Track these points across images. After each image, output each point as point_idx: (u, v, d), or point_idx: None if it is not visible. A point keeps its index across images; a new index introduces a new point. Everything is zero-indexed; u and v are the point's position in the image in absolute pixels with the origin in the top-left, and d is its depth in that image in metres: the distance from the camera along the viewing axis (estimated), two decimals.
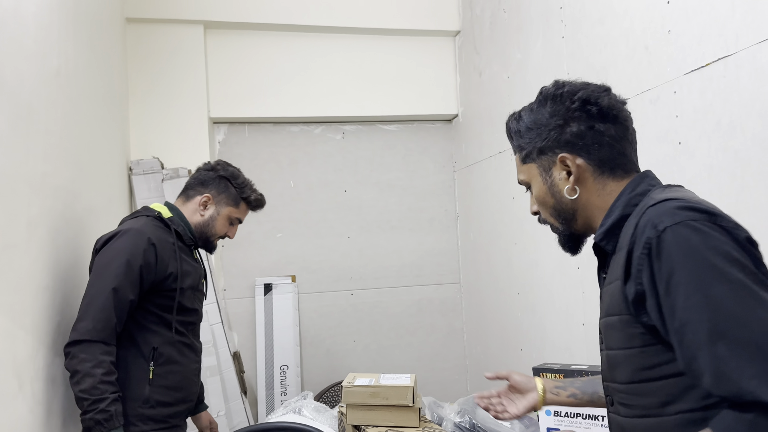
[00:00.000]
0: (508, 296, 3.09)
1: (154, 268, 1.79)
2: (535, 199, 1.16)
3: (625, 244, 0.98)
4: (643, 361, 0.97)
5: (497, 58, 3.14)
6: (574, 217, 1.12)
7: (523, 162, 1.16)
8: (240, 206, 2.05)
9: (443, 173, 3.83)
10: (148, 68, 3.23)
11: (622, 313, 0.98)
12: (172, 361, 1.84)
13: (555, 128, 1.10)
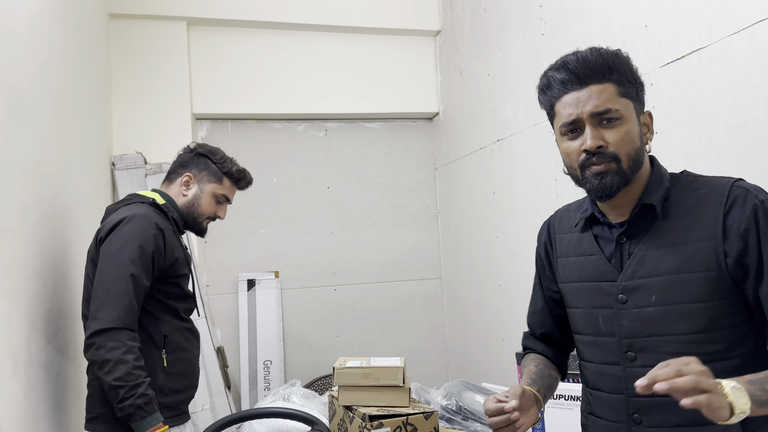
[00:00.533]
0: (489, 289, 3.16)
1: (163, 254, 1.76)
2: (627, 132, 1.14)
3: (707, 210, 1.11)
4: (720, 311, 1.09)
5: (478, 56, 3.21)
6: (639, 167, 1.17)
7: (622, 96, 1.15)
8: (223, 182, 1.98)
9: (424, 170, 3.89)
10: (131, 64, 3.23)
11: (710, 269, 1.09)
12: (180, 348, 1.82)
13: (642, 87, 1.20)
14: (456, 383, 2.05)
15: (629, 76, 1.16)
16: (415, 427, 1.58)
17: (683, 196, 1.16)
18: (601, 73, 1.15)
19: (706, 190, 1.13)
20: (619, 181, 1.15)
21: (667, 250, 1.13)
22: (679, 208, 1.15)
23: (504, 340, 3.01)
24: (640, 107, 1.19)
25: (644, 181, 1.19)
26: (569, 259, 1.29)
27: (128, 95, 3.22)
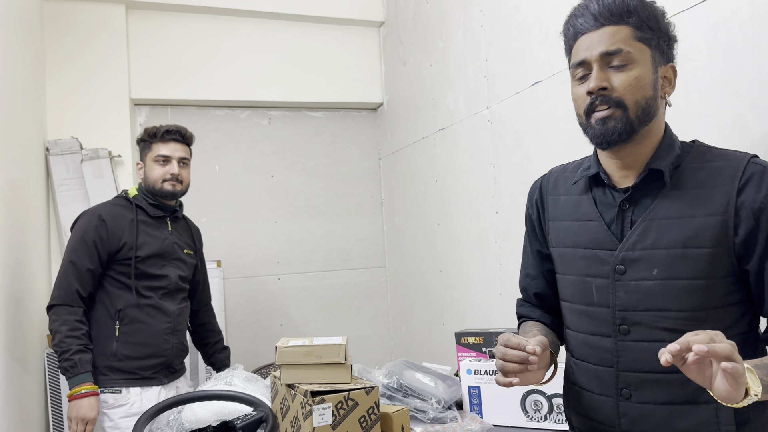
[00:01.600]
0: (432, 275, 3.23)
1: (106, 240, 2.12)
2: (635, 78, 1.08)
3: (719, 184, 1.05)
4: (724, 289, 1.05)
5: (421, 47, 3.27)
6: (648, 120, 1.10)
7: (638, 40, 1.09)
8: (153, 146, 2.23)
9: (369, 160, 3.93)
10: (67, 47, 3.13)
11: (718, 246, 1.04)
12: (138, 321, 2.14)
13: (673, 41, 1.14)
14: (397, 362, 2.10)
15: (651, 23, 1.09)
16: (357, 402, 1.62)
17: (695, 166, 1.09)
18: (618, 14, 1.09)
19: (720, 163, 1.07)
20: (623, 127, 1.08)
21: (674, 222, 1.07)
22: (690, 178, 1.08)
23: (445, 324, 3.08)
24: (662, 57, 1.11)
25: (655, 144, 1.12)
26: (563, 223, 1.22)
27: (64, 79, 3.12)
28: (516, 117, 2.43)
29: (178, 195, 2.26)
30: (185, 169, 2.27)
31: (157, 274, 2.19)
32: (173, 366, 2.26)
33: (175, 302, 2.25)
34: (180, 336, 2.28)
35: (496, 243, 2.60)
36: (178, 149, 2.24)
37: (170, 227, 2.28)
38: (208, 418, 1.82)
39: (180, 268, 2.27)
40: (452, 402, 1.97)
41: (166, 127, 2.23)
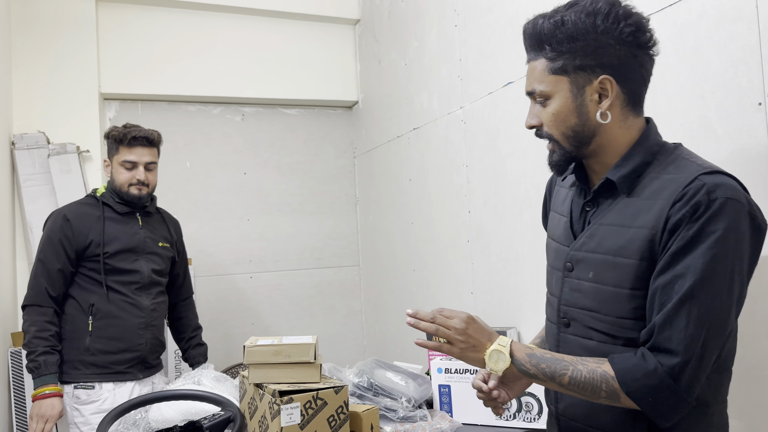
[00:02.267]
0: (405, 274, 3.23)
1: (72, 239, 2.16)
2: (554, 113, 1.10)
3: (662, 197, 1.02)
4: (644, 302, 1.04)
5: (395, 46, 3.26)
6: (589, 141, 1.10)
7: (551, 72, 1.08)
8: (120, 149, 2.23)
9: (344, 158, 3.91)
10: (34, 39, 3.06)
11: (643, 258, 1.03)
12: (111, 315, 2.18)
13: (604, 47, 1.04)
14: (368, 361, 2.09)
15: (567, 45, 1.06)
16: (326, 401, 1.61)
17: (653, 176, 1.07)
18: (535, 47, 1.11)
19: (673, 176, 1.04)
20: (561, 158, 1.13)
21: (615, 230, 1.08)
22: (645, 188, 1.07)
23: None
24: (588, 75, 1.06)
25: (620, 152, 1.11)
26: (555, 214, 1.28)
27: (31, 72, 3.05)
28: (489, 117, 2.44)
29: (144, 199, 2.28)
30: (152, 173, 2.28)
31: (129, 268, 2.21)
32: (148, 361, 2.27)
33: (150, 297, 2.26)
34: (155, 331, 2.28)
35: (468, 242, 2.61)
36: (144, 154, 2.23)
37: (141, 222, 2.30)
38: (175, 418, 1.79)
39: (154, 262, 2.28)
40: (422, 401, 1.97)
41: (134, 133, 2.21)
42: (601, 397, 1.03)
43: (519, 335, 2.25)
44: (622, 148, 1.10)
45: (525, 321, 2.24)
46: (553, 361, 1.07)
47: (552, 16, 1.08)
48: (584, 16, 1.04)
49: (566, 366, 1.05)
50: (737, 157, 1.43)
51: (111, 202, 2.25)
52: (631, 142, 1.10)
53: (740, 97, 1.42)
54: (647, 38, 1.07)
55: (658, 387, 0.98)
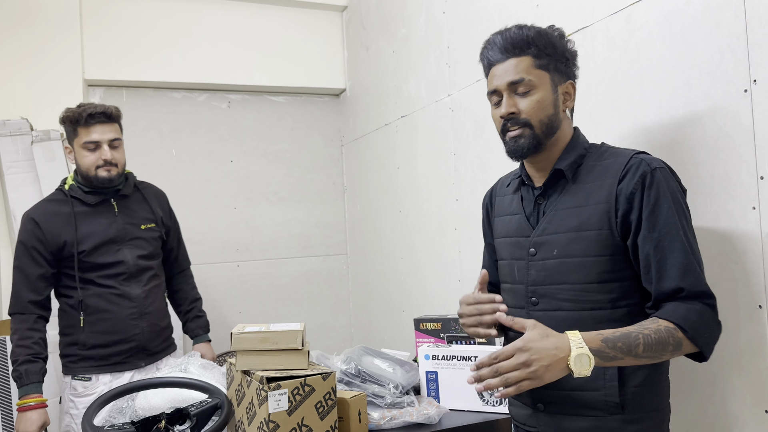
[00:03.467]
0: (392, 262, 3.23)
1: (45, 242, 2.09)
2: (537, 102, 1.30)
3: (608, 176, 1.26)
4: (610, 265, 1.25)
5: (383, 33, 3.24)
6: (553, 132, 1.33)
7: (537, 67, 1.31)
8: (78, 131, 2.10)
9: (331, 146, 3.90)
10: (17, 24, 3.00)
11: (602, 228, 1.25)
12: (101, 310, 2.14)
13: (571, 60, 1.36)
14: (356, 349, 2.09)
15: (549, 50, 1.31)
16: (313, 388, 1.61)
17: (593, 164, 1.31)
18: (520, 47, 1.31)
19: (611, 160, 1.29)
20: (530, 143, 1.32)
21: (572, 211, 1.29)
22: (588, 174, 1.31)
23: (405, 311, 3.09)
24: (561, 77, 1.33)
25: (561, 149, 1.35)
26: (503, 218, 1.47)
27: (13, 57, 3.00)
28: (476, 105, 2.44)
29: (116, 179, 2.15)
30: (117, 150, 2.15)
31: (111, 261, 2.15)
32: (149, 349, 2.23)
33: (140, 285, 2.20)
34: (152, 318, 2.23)
35: (455, 230, 2.61)
36: (106, 131, 2.10)
37: (116, 209, 2.19)
38: (162, 405, 1.79)
39: (139, 248, 2.21)
40: (410, 387, 1.98)
41: (89, 111, 2.08)
42: (666, 352, 1.15)
43: None
44: (563, 145, 1.35)
45: None
46: (624, 336, 1.14)
47: (533, 27, 1.33)
48: (555, 36, 1.33)
49: (636, 336, 1.14)
50: (723, 143, 1.44)
51: (80, 194, 2.14)
52: (567, 141, 1.36)
53: (726, 83, 1.43)
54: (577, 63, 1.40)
55: (709, 322, 1.17)
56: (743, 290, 1.41)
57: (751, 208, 1.38)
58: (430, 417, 1.79)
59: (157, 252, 2.30)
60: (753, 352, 1.39)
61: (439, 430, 1.77)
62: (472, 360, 1.99)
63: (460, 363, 2.01)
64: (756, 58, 1.36)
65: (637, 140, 1.67)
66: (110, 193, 2.19)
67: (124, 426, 1.60)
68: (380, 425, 1.76)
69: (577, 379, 1.21)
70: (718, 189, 1.45)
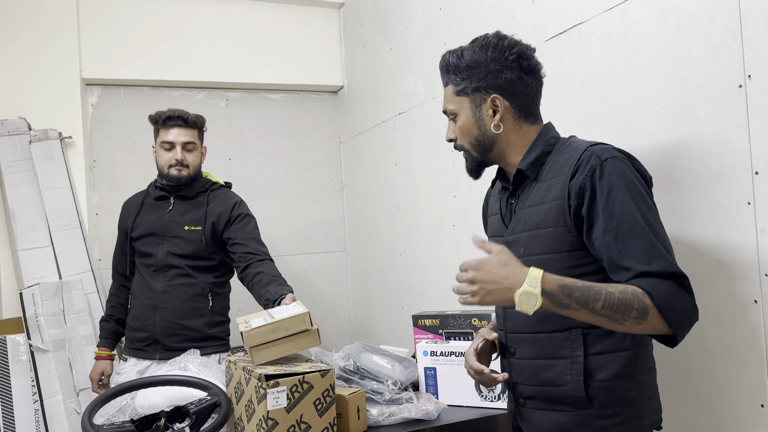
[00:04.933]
0: (391, 259, 3.24)
1: (121, 224, 2.46)
2: (460, 128, 1.36)
3: (563, 173, 1.25)
4: (569, 261, 1.24)
5: (380, 29, 3.24)
6: (491, 148, 1.36)
7: (456, 94, 1.36)
8: (159, 132, 2.37)
9: (330, 143, 3.90)
10: (14, 23, 3.01)
11: (558, 225, 1.24)
12: (135, 296, 2.38)
13: (493, 72, 1.32)
14: (354, 345, 2.10)
15: (464, 74, 1.33)
16: (312, 385, 1.61)
17: (554, 160, 1.31)
18: (444, 76, 1.39)
19: (568, 155, 1.27)
20: (471, 165, 1.39)
21: (534, 209, 1.30)
22: (549, 171, 1.30)
23: (404, 307, 3.10)
24: (482, 96, 1.33)
25: (522, 151, 1.36)
26: (491, 218, 1.51)
27: (11, 57, 3.00)
28: None
29: (184, 179, 2.34)
30: (191, 153, 2.35)
31: (148, 252, 2.35)
32: (163, 343, 2.30)
33: (164, 279, 2.31)
34: (166, 314, 2.29)
35: (453, 227, 2.62)
36: (181, 134, 2.32)
37: (172, 206, 2.38)
38: (162, 404, 1.79)
39: (175, 245, 2.32)
40: (408, 383, 1.99)
41: (167, 113, 2.34)
42: (630, 317, 1.12)
43: None
44: (524, 146, 1.35)
45: None
46: (585, 288, 1.14)
47: (455, 51, 1.36)
48: (478, 49, 1.32)
49: (599, 291, 1.13)
50: (718, 138, 1.44)
51: (152, 188, 2.44)
52: (528, 144, 1.35)
53: (721, 79, 1.43)
54: (530, 64, 1.33)
55: (680, 299, 1.13)
56: (739, 285, 1.41)
57: (746, 203, 1.38)
58: (428, 413, 1.80)
59: (196, 253, 2.32)
60: (749, 346, 1.40)
61: (438, 425, 1.78)
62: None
63: (459, 359, 2.02)
64: (750, 54, 1.36)
65: (633, 136, 1.67)
66: (172, 192, 2.39)
67: (123, 424, 1.61)
68: (379, 422, 1.77)
69: (545, 374, 1.29)
70: (713, 184, 1.45)
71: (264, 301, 2.14)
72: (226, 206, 2.39)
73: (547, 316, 1.26)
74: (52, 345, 2.70)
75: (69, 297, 2.80)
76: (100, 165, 3.30)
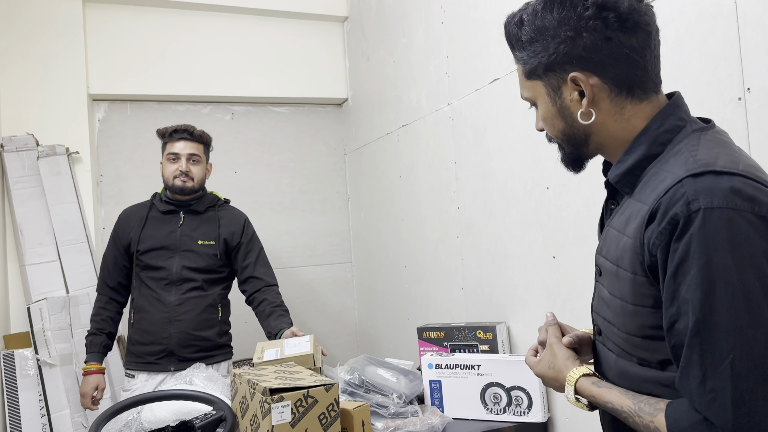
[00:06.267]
0: (396, 270, 3.24)
1: (120, 236, 2.43)
2: (542, 119, 1.02)
3: (651, 199, 0.86)
4: (653, 320, 0.89)
5: (384, 43, 3.27)
6: (586, 141, 0.99)
7: (527, 78, 1.01)
8: (165, 145, 2.43)
9: (334, 156, 3.92)
10: (21, 40, 3.05)
11: (636, 273, 0.89)
12: (142, 310, 2.36)
13: (564, 40, 0.92)
14: (359, 359, 2.11)
15: (530, 48, 0.97)
16: (316, 399, 1.62)
17: (654, 171, 0.91)
18: (513, 51, 1.02)
19: (665, 174, 0.87)
20: (567, 159, 1.04)
21: (616, 236, 0.95)
22: (644, 186, 0.91)
23: (409, 319, 3.10)
24: (557, 77, 0.96)
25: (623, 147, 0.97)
26: None
27: (18, 73, 3.04)
28: (476, 114, 2.45)
29: (188, 191, 2.38)
30: (196, 165, 2.41)
31: (159, 265, 2.35)
32: (178, 354, 2.33)
33: (178, 293, 2.35)
34: (182, 326, 2.34)
35: (458, 238, 2.62)
36: (187, 147, 2.39)
37: (182, 220, 2.41)
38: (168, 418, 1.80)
39: (189, 259, 2.36)
40: (413, 396, 1.99)
41: (174, 127, 2.41)
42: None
43: (509, 330, 2.27)
44: (625, 142, 0.96)
45: (514, 316, 2.26)
46: (615, 404, 0.93)
47: (514, 18, 0.99)
48: (540, 9, 0.94)
49: (627, 415, 0.91)
50: None
51: (158, 202, 2.44)
52: (636, 133, 0.95)
53: (721, 92, 1.44)
54: (620, 13, 0.90)
55: None
56: None
57: None
58: (434, 426, 1.80)
59: (209, 267, 2.41)
60: None
61: None
62: (475, 368, 2.00)
63: (464, 372, 2.02)
64: (749, 67, 1.37)
65: None
66: (182, 206, 2.42)
67: None
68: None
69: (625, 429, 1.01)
70: None
71: (266, 333, 2.42)
72: (237, 224, 2.53)
73: (622, 372, 0.97)
74: (60, 359, 2.72)
75: (76, 311, 2.82)
76: (107, 179, 3.34)
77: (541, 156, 2.08)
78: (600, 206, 1.79)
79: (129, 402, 1.79)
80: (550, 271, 2.06)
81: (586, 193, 1.88)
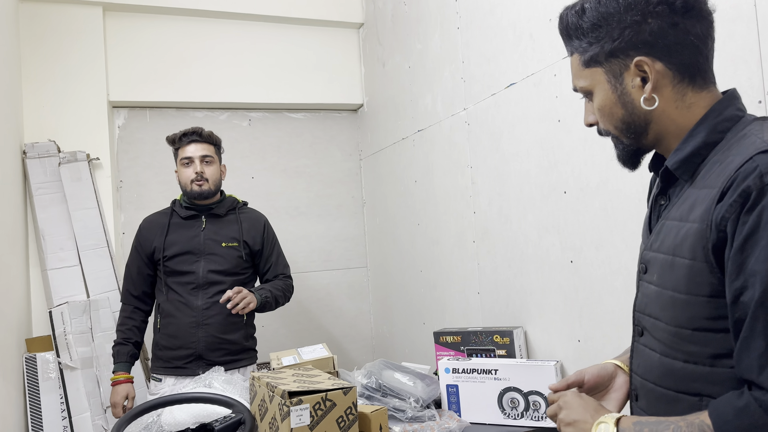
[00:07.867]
0: (412, 275, 3.25)
1: (142, 245, 2.46)
2: (599, 109, 1.01)
3: (717, 184, 0.87)
4: (708, 311, 0.88)
5: (399, 49, 3.29)
6: (645, 130, 0.99)
7: (586, 66, 1.00)
8: (177, 151, 2.46)
9: (350, 161, 3.94)
10: (44, 49, 3.11)
11: (696, 258, 0.88)
12: (170, 315, 2.39)
13: (631, 25, 0.94)
14: (376, 363, 2.12)
15: (591, 36, 0.98)
16: (334, 403, 1.63)
17: (718, 159, 0.91)
18: (567, 43, 1.04)
19: (733, 156, 0.88)
20: (624, 153, 1.04)
21: (675, 225, 0.95)
22: (706, 174, 0.92)
23: (425, 323, 3.11)
24: (621, 63, 0.96)
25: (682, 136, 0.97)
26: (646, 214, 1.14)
27: (40, 81, 3.10)
28: (492, 118, 2.46)
29: (205, 194, 2.41)
30: (210, 166, 2.43)
31: (185, 270, 2.38)
32: (206, 358, 2.36)
33: (205, 296, 2.38)
34: (210, 329, 2.37)
35: (474, 243, 2.63)
36: (198, 149, 2.42)
37: (204, 224, 2.44)
38: (187, 421, 1.82)
39: (215, 263, 2.40)
40: (431, 401, 1.99)
41: (182, 132, 2.45)
42: None
43: (526, 334, 2.27)
44: (684, 130, 0.96)
45: (531, 321, 2.26)
46: (656, 423, 0.90)
47: (574, 6, 1.01)
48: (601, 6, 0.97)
49: (667, 425, 0.89)
50: None
51: (178, 208, 2.46)
52: (695, 121, 0.96)
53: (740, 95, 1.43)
54: (685, 1, 0.92)
55: (752, 427, 0.80)
56: None
57: None
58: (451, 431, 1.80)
59: (234, 269, 2.45)
60: None
61: None
62: (492, 373, 2.00)
63: (481, 376, 2.02)
64: None
65: None
66: (203, 211, 2.45)
67: None
68: None
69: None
70: None
71: None
72: (258, 227, 2.58)
73: (667, 371, 0.96)
74: (81, 362, 2.76)
75: (96, 315, 2.86)
76: (127, 185, 3.38)
77: (558, 160, 2.08)
78: (618, 211, 1.79)
79: (149, 405, 1.82)
80: (567, 275, 2.05)
81: (603, 198, 1.88)
